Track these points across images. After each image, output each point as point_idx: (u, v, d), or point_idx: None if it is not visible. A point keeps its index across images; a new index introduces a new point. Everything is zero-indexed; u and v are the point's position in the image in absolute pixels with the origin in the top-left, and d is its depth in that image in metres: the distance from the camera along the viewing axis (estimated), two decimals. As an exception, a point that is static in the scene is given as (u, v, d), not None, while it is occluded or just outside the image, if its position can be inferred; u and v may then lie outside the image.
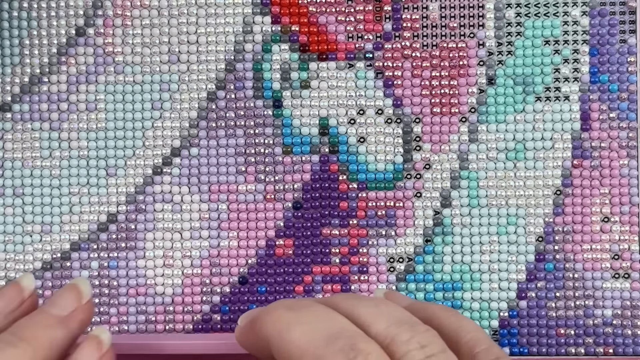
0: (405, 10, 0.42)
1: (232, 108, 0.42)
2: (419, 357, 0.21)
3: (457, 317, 0.26)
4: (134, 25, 0.42)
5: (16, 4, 0.42)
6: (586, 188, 0.42)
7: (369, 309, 0.23)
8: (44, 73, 0.42)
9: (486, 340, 0.25)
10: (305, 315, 0.22)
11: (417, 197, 0.42)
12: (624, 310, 0.42)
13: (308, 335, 0.21)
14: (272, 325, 0.22)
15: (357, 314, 0.23)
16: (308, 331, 0.21)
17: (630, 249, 0.42)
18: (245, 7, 0.42)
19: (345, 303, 0.23)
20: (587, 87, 0.42)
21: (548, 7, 0.42)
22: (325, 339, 0.21)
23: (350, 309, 0.23)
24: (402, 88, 0.42)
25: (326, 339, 0.21)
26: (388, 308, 0.23)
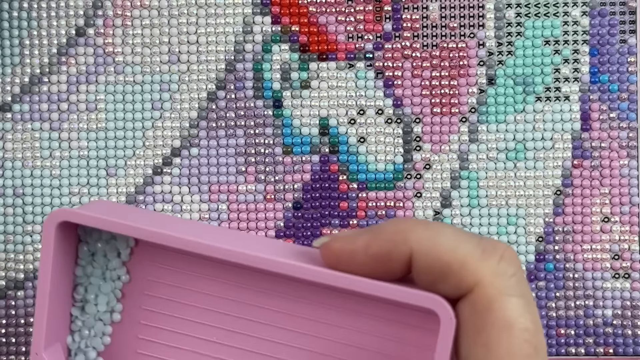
0: (405, 10, 0.42)
1: (232, 108, 0.42)
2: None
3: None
4: (134, 25, 0.42)
5: (16, 4, 0.42)
6: (586, 188, 0.42)
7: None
8: (44, 73, 0.42)
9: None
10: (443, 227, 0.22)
11: (417, 197, 0.42)
12: (624, 310, 0.42)
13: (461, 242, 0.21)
14: (418, 236, 0.21)
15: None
16: (460, 241, 0.22)
17: (630, 249, 0.42)
18: (246, 7, 0.42)
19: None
20: (587, 87, 0.42)
21: (548, 7, 0.42)
22: (479, 249, 0.21)
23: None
24: (402, 88, 0.42)
25: (479, 249, 0.21)
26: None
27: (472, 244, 0.21)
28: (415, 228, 0.22)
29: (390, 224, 0.22)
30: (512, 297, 0.21)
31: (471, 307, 0.21)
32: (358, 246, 0.22)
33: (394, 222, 0.22)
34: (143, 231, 0.23)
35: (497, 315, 0.20)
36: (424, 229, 0.21)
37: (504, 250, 0.21)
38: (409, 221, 0.22)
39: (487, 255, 0.21)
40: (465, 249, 0.21)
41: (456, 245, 0.21)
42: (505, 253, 0.21)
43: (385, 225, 0.22)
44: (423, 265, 0.21)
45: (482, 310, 0.21)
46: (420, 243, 0.21)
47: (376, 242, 0.22)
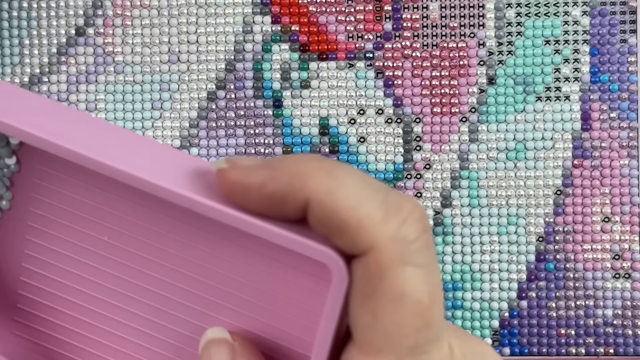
0: (405, 10, 0.42)
1: (232, 108, 0.42)
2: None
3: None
4: (133, 25, 0.42)
5: (16, 4, 0.42)
6: (586, 188, 0.42)
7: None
8: (43, 73, 0.42)
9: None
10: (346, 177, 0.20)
11: (418, 197, 0.42)
12: (624, 310, 0.42)
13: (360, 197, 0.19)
14: (316, 185, 0.19)
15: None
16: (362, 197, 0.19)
17: (630, 248, 0.42)
18: (245, 7, 0.42)
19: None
20: (588, 87, 0.42)
21: (548, 7, 0.42)
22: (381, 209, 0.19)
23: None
24: (402, 88, 0.42)
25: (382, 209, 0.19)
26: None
27: (375, 203, 0.19)
28: (316, 174, 0.19)
29: (291, 163, 0.19)
30: (408, 267, 0.19)
31: (364, 270, 0.19)
32: (253, 183, 0.19)
33: (295, 160, 0.19)
34: (21, 131, 0.21)
35: (388, 285, 0.19)
36: (325, 177, 0.19)
37: (409, 212, 0.19)
38: (311, 163, 0.19)
39: (389, 217, 0.19)
40: (365, 207, 0.19)
41: (357, 203, 0.19)
42: (410, 216, 0.19)
43: (285, 162, 0.19)
44: (318, 217, 0.19)
45: (374, 276, 0.19)
46: (318, 192, 0.19)
47: (272, 182, 0.19)
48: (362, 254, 0.19)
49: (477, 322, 0.42)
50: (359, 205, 0.19)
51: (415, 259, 0.19)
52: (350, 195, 0.19)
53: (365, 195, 0.19)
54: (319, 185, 0.19)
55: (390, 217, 0.19)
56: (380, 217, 0.19)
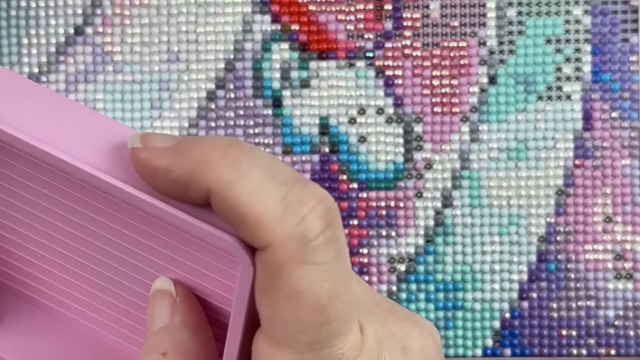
0: (405, 9, 0.42)
1: (231, 107, 0.42)
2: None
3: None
4: (132, 24, 0.42)
5: (15, 3, 0.42)
6: (588, 188, 0.41)
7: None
8: (42, 72, 0.42)
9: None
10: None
11: (418, 197, 0.42)
12: (626, 311, 0.41)
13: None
14: (216, 176, 0.19)
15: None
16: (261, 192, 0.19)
17: (632, 249, 0.41)
18: (245, 6, 0.42)
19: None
20: (589, 87, 0.41)
21: (549, 6, 0.42)
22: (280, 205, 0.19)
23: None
24: (402, 87, 0.42)
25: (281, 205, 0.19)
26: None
27: (275, 199, 0.18)
28: (218, 164, 0.19)
29: (197, 149, 0.19)
30: (306, 265, 0.18)
31: (263, 265, 0.19)
32: (159, 166, 0.19)
33: (202, 146, 0.19)
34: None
35: (284, 283, 0.18)
36: (227, 168, 0.18)
37: (310, 208, 0.18)
38: (216, 150, 0.19)
39: (287, 214, 0.18)
40: (264, 203, 0.18)
41: (255, 198, 0.18)
42: (311, 213, 0.18)
43: (192, 147, 0.19)
44: (219, 208, 0.19)
45: (272, 273, 0.18)
46: (217, 184, 0.18)
47: (176, 169, 0.19)
48: (262, 249, 0.19)
49: (477, 322, 0.42)
50: (257, 201, 0.18)
51: (313, 257, 0.18)
52: (250, 189, 0.18)
53: (266, 190, 0.18)
54: (220, 176, 0.18)
55: (289, 215, 0.18)
56: (279, 214, 0.18)
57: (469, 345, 0.42)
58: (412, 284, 0.42)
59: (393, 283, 0.42)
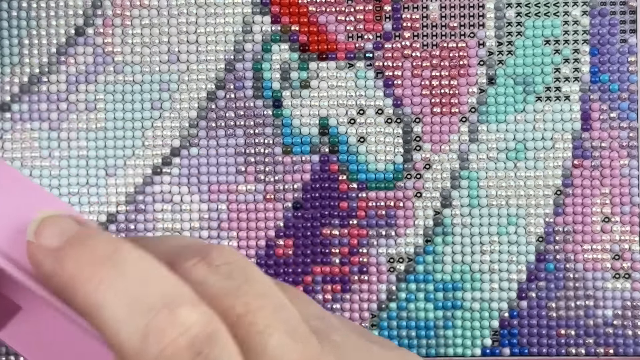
0: (405, 10, 0.42)
1: (232, 108, 0.42)
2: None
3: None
4: (133, 25, 0.42)
5: (15, 4, 0.42)
6: (587, 188, 0.42)
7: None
8: (43, 73, 0.42)
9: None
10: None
11: (418, 197, 0.42)
12: (624, 311, 0.41)
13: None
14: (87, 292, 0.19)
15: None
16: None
17: (630, 249, 0.42)
18: (245, 6, 0.42)
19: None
20: (588, 87, 0.42)
21: (548, 7, 0.42)
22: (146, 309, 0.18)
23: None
24: (402, 88, 0.42)
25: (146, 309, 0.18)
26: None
27: (137, 329, 0.18)
28: (87, 283, 0.18)
29: (71, 261, 0.19)
30: None
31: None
32: (42, 271, 0.19)
33: (76, 259, 0.19)
34: None
35: None
36: (94, 290, 0.18)
37: (171, 340, 0.18)
38: (85, 268, 0.19)
39: (148, 346, 0.18)
40: (125, 334, 0.18)
41: (118, 328, 0.18)
42: (172, 344, 0.18)
43: (68, 258, 0.19)
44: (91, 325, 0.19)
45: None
46: (85, 307, 0.19)
47: (53, 279, 0.19)
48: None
49: (476, 322, 0.42)
50: (120, 331, 0.18)
51: None
52: (113, 317, 0.18)
53: (129, 318, 0.18)
54: (86, 300, 0.18)
55: (149, 347, 0.18)
56: (138, 346, 0.18)
57: (468, 344, 0.42)
58: (412, 284, 0.42)
59: (392, 283, 0.42)
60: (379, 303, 0.42)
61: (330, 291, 0.42)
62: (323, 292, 0.42)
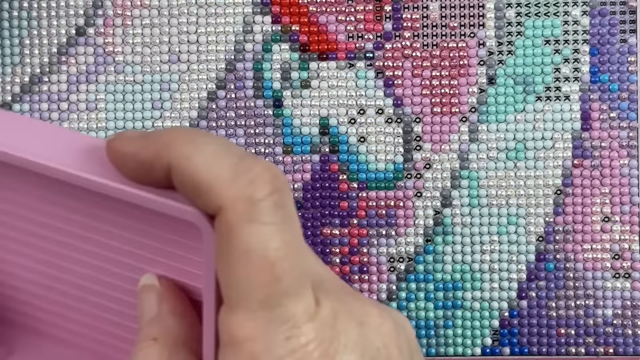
0: (405, 10, 0.42)
1: (232, 108, 0.42)
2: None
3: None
4: (134, 25, 0.42)
5: (16, 4, 0.42)
6: (586, 188, 0.42)
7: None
8: (44, 73, 0.42)
9: None
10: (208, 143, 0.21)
11: (418, 196, 0.42)
12: (624, 310, 0.42)
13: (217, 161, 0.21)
14: (175, 151, 0.21)
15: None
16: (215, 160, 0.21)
17: (630, 248, 0.42)
18: (246, 6, 0.42)
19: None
20: (588, 87, 0.42)
21: (548, 7, 0.42)
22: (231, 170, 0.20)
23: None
24: (402, 88, 0.42)
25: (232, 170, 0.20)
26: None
27: (227, 165, 0.20)
28: (177, 141, 0.21)
29: (161, 134, 0.21)
30: (254, 224, 0.20)
31: (218, 229, 0.20)
32: (129, 150, 0.21)
33: (166, 132, 0.21)
34: None
35: (235, 242, 0.20)
36: (185, 144, 0.21)
37: (257, 174, 0.20)
38: (176, 133, 0.21)
39: (237, 178, 0.20)
40: (216, 170, 0.20)
41: (209, 167, 0.20)
42: (259, 177, 0.20)
43: (157, 133, 0.22)
44: (178, 180, 0.21)
45: (225, 234, 0.20)
46: (177, 158, 0.21)
47: (143, 150, 0.21)
48: (216, 213, 0.20)
49: (477, 321, 0.42)
50: (211, 169, 0.20)
51: (262, 217, 0.20)
52: (205, 160, 0.20)
53: (219, 160, 0.20)
54: (179, 151, 0.21)
55: (238, 179, 0.20)
56: (229, 178, 0.20)
57: (468, 344, 0.42)
58: (412, 283, 0.42)
59: (393, 282, 0.42)
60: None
61: (331, 291, 0.42)
62: (323, 292, 0.42)
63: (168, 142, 0.21)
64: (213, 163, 0.20)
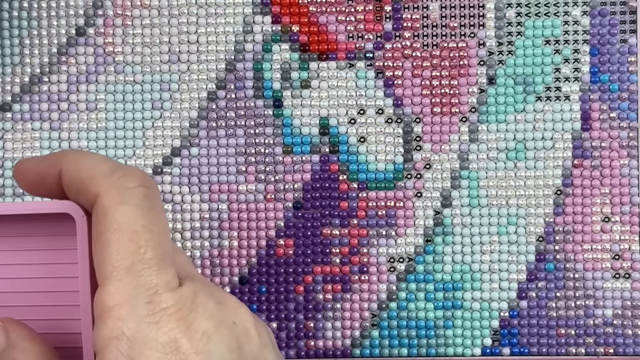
0: (405, 10, 0.42)
1: (232, 108, 0.42)
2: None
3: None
4: (134, 25, 0.42)
5: (16, 4, 0.42)
6: (586, 188, 0.42)
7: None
8: (44, 73, 0.42)
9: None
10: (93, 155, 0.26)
11: (418, 197, 0.42)
12: (624, 310, 0.42)
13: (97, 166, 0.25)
14: (67, 158, 0.26)
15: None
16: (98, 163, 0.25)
17: (630, 249, 0.42)
18: (246, 6, 0.42)
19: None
20: (588, 87, 0.42)
21: (548, 7, 0.42)
22: (110, 169, 0.25)
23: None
24: (402, 88, 0.42)
25: (110, 169, 0.25)
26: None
27: (107, 166, 0.25)
28: (68, 153, 0.26)
29: (56, 153, 0.27)
30: (124, 205, 0.24)
31: (95, 214, 0.24)
32: (30, 165, 0.26)
33: (58, 151, 0.27)
34: None
35: (109, 220, 0.23)
36: (74, 154, 0.26)
37: (131, 171, 0.25)
38: (66, 150, 0.27)
39: (113, 173, 0.24)
40: (98, 168, 0.25)
41: (93, 166, 0.25)
42: (131, 173, 0.25)
43: (53, 153, 0.27)
44: (66, 181, 0.25)
45: (100, 216, 0.24)
46: (67, 163, 0.25)
47: (41, 163, 0.26)
48: (95, 202, 0.24)
49: (477, 322, 0.42)
50: (94, 167, 0.25)
51: (131, 200, 0.24)
52: (90, 162, 0.25)
53: (101, 162, 0.25)
54: (70, 158, 0.25)
55: (114, 173, 0.24)
56: (107, 173, 0.24)
57: (468, 344, 0.42)
58: (412, 284, 0.42)
59: (393, 282, 0.42)
60: (379, 303, 0.42)
61: (331, 291, 0.42)
62: (323, 292, 0.42)
63: (62, 154, 0.26)
64: (96, 164, 0.25)
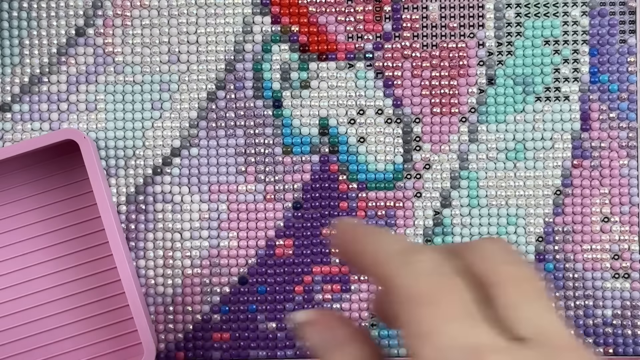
0: (405, 10, 0.42)
1: (232, 108, 0.42)
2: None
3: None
4: (133, 25, 0.42)
5: (16, 4, 0.42)
6: (586, 188, 0.42)
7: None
8: (43, 73, 0.42)
9: None
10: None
11: (417, 197, 0.42)
12: (624, 310, 0.42)
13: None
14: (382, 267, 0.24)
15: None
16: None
17: (630, 249, 0.42)
18: (245, 7, 0.42)
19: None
20: (587, 87, 0.42)
21: (548, 7, 0.42)
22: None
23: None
24: (402, 88, 0.42)
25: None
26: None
27: (399, 260, 0.23)
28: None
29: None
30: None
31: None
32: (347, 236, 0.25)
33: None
34: None
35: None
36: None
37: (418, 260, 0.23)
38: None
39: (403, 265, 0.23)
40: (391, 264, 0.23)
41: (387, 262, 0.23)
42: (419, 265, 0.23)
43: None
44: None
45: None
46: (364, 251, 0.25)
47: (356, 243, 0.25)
48: None
49: (476, 322, 0.42)
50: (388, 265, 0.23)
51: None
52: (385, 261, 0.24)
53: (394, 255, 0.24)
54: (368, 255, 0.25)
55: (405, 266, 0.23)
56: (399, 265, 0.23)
57: (467, 344, 0.42)
58: (412, 284, 0.42)
59: (392, 282, 0.42)
60: (378, 303, 0.42)
61: (330, 291, 0.42)
62: (323, 292, 0.42)
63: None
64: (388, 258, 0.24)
